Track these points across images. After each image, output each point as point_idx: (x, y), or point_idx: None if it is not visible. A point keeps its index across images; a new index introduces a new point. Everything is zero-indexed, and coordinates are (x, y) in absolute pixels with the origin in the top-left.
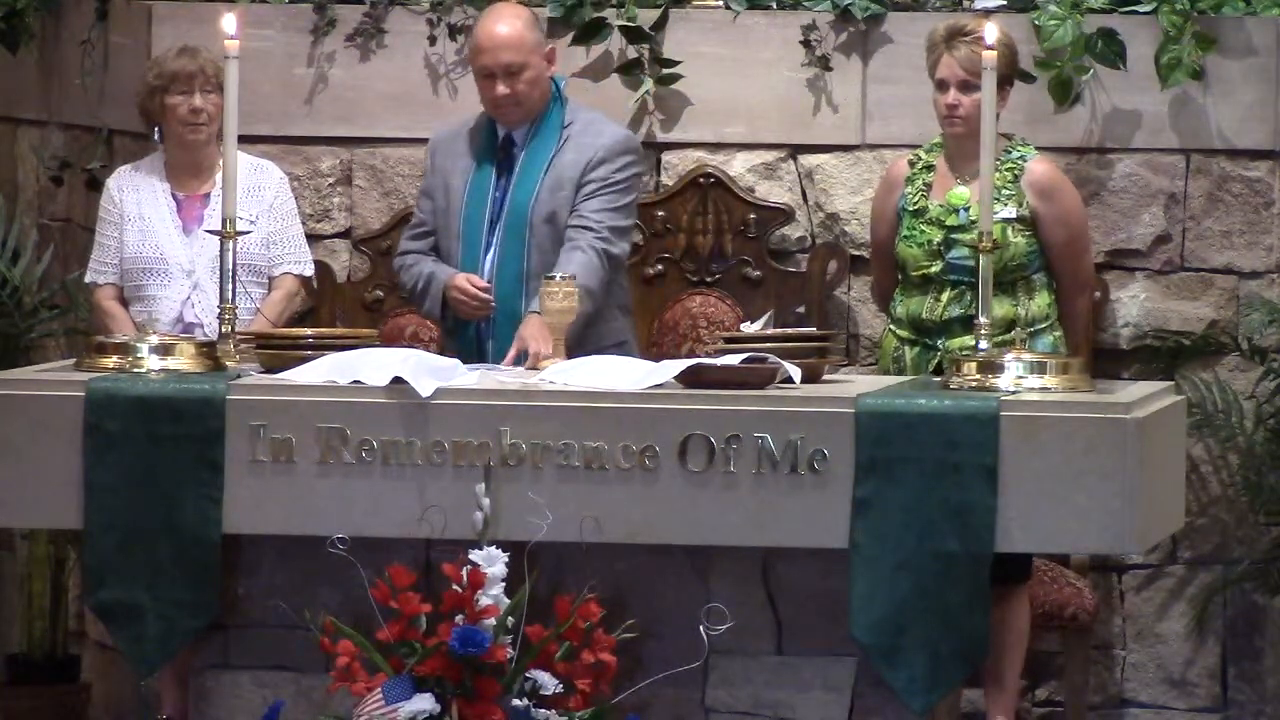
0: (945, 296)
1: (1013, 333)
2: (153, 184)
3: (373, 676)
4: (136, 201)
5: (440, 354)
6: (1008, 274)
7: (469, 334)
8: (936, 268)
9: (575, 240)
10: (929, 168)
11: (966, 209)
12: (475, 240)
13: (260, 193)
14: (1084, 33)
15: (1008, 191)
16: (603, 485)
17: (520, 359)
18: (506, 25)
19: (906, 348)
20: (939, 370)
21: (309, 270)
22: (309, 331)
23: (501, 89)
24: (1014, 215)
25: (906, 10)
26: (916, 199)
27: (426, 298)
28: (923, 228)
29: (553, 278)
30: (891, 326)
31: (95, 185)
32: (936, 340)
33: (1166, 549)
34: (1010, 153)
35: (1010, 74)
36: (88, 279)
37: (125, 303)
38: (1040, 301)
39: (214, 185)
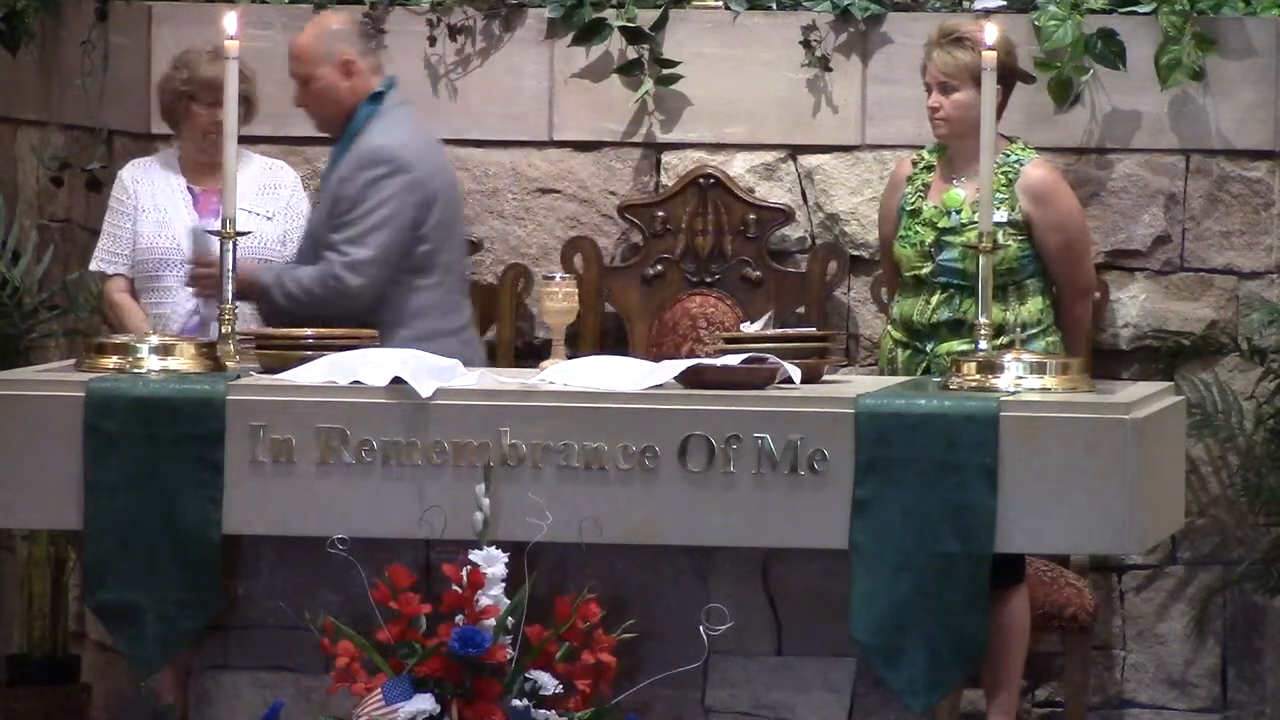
0: (935, 299)
1: (1010, 335)
2: (168, 177)
3: (372, 677)
4: (152, 194)
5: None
6: (998, 278)
7: None
8: (927, 269)
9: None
10: (929, 168)
11: (958, 211)
12: None
13: (276, 190)
14: (1084, 33)
15: (1000, 195)
16: (602, 486)
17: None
18: (301, 35)
19: (900, 350)
20: (928, 375)
21: None
22: (309, 332)
23: (298, 99)
24: (1005, 219)
25: (906, 10)
26: (914, 199)
27: None
28: (917, 228)
29: (552, 278)
30: (889, 328)
31: (95, 186)
32: (926, 344)
33: (1166, 549)
34: (1007, 156)
35: (1006, 75)
36: (95, 268)
37: (135, 295)
38: (1032, 306)
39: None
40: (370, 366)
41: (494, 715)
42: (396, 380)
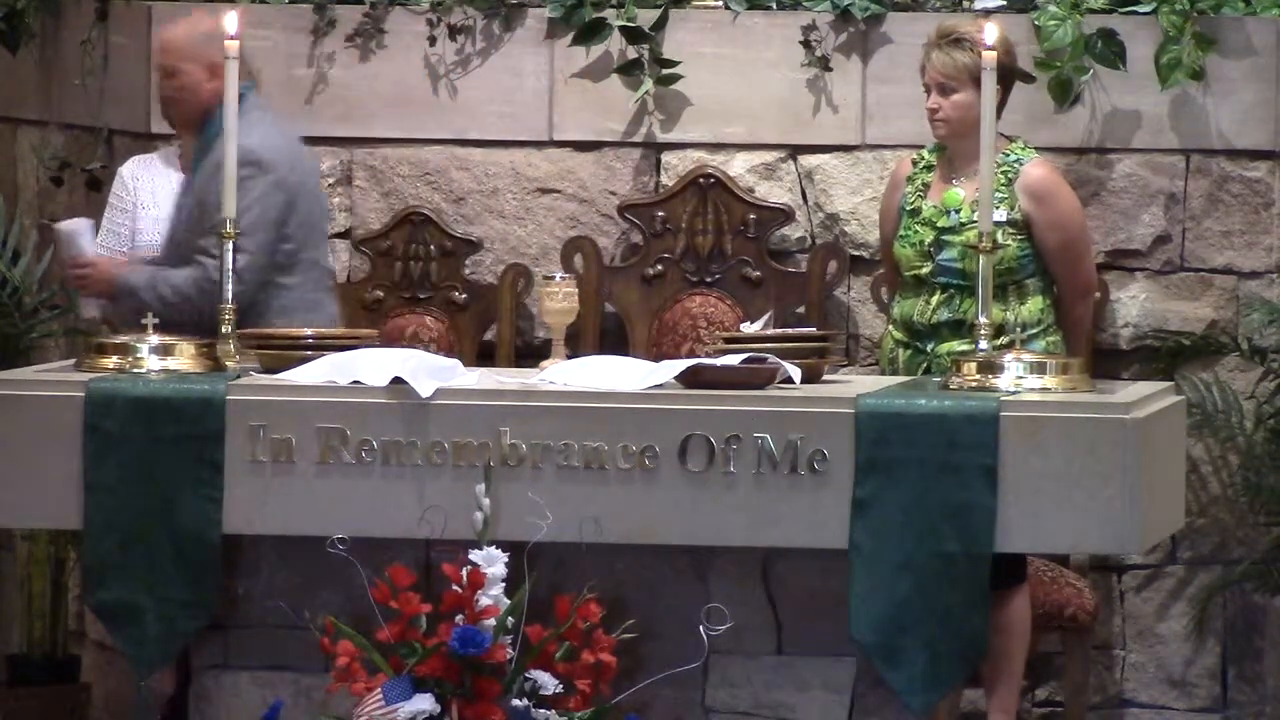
0: (935, 299)
1: (1010, 335)
2: (168, 174)
3: (372, 677)
4: (151, 190)
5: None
6: (998, 278)
7: None
8: (926, 269)
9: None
10: (929, 168)
11: (958, 211)
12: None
13: None
14: (1083, 33)
15: (1000, 194)
16: (602, 485)
17: None
18: (175, 28)
19: (900, 350)
20: (928, 375)
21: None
22: (309, 331)
23: (162, 90)
24: (1004, 219)
25: (906, 10)
26: (914, 199)
27: None
28: (916, 228)
29: (552, 278)
30: (889, 328)
31: (95, 185)
32: (926, 344)
33: (1166, 549)
34: (1007, 155)
35: (1006, 75)
36: None
37: None
38: (1032, 306)
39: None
40: (370, 366)
41: (494, 715)
42: (396, 380)
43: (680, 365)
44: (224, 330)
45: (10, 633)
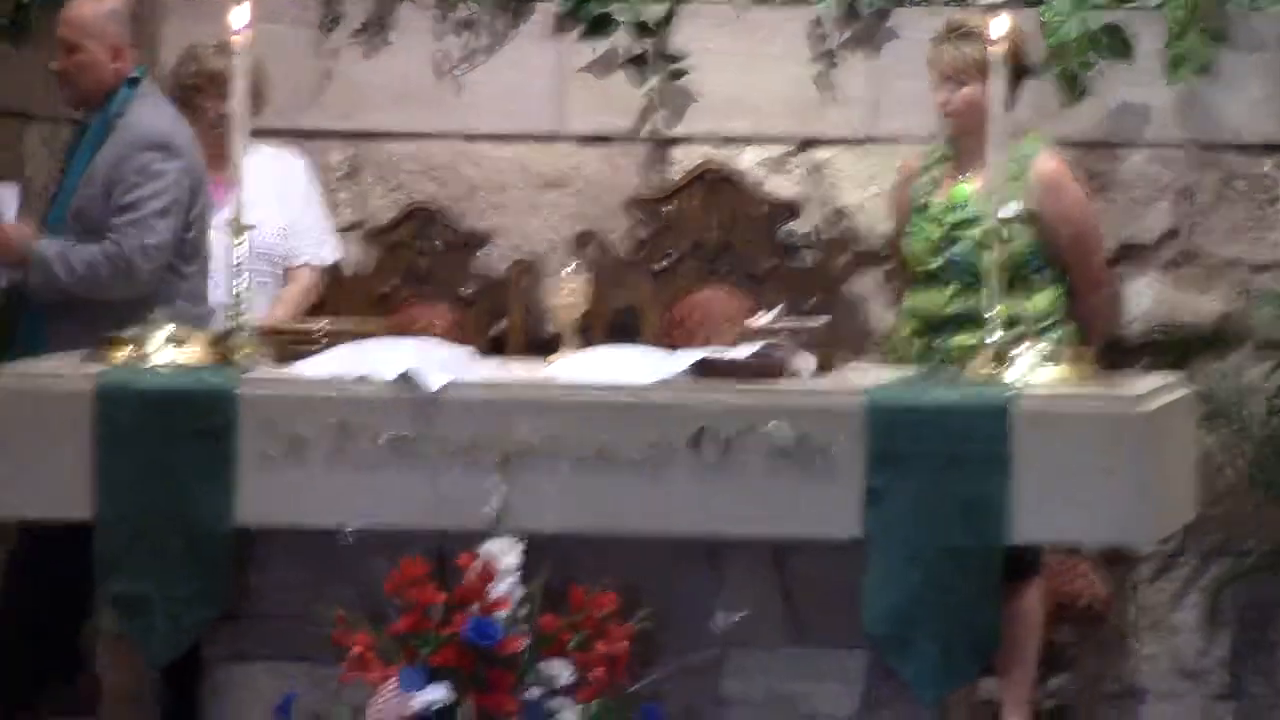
0: (948, 293)
1: (1022, 327)
2: None
3: (387, 667)
4: None
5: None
6: (1009, 271)
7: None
8: (937, 264)
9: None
10: (940, 162)
11: (967, 205)
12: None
13: (282, 181)
14: (1090, 27)
15: (1010, 187)
16: (615, 477)
17: None
18: (80, 4)
19: (914, 341)
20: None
21: (329, 257)
22: (320, 324)
23: (55, 64)
24: (1014, 213)
25: (913, 4)
26: (923, 194)
27: None
28: (923, 224)
29: (560, 272)
30: (901, 320)
31: None
32: (939, 337)
33: (1178, 540)
34: (1017, 149)
35: (1016, 69)
36: None
37: None
38: (1042, 299)
39: None
40: (381, 359)
41: (508, 705)
42: (407, 372)
43: (692, 357)
44: (234, 322)
45: None
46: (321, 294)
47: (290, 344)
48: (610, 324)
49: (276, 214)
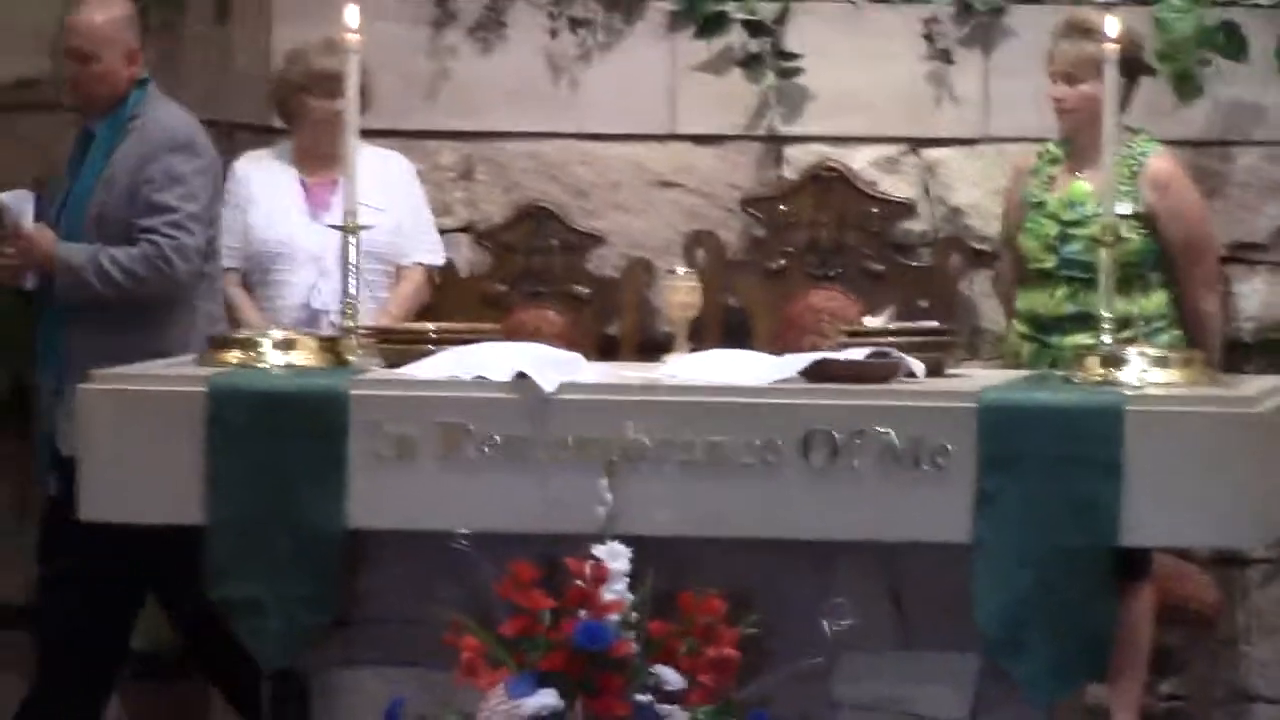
0: (1060, 292)
1: (1134, 329)
2: (282, 169)
3: (496, 672)
4: (264, 186)
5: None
6: (1122, 271)
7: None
8: (1051, 262)
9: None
10: (1054, 160)
11: (1083, 204)
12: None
13: (388, 184)
14: (1205, 26)
15: (1124, 187)
16: (725, 480)
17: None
18: (91, 12)
19: (1025, 344)
20: (1054, 368)
21: (439, 259)
22: (431, 326)
23: (67, 72)
24: (1129, 211)
25: (1028, 2)
26: (1039, 192)
27: None
28: (1041, 221)
29: (674, 272)
30: (1013, 321)
31: None
32: (1051, 337)
33: None
34: (1131, 148)
35: (1132, 67)
36: None
37: (249, 288)
38: (1155, 300)
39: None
40: (493, 361)
41: (618, 710)
42: (519, 374)
43: (803, 360)
44: (346, 324)
45: (137, 629)
46: (431, 295)
47: (402, 346)
48: (723, 324)
49: (383, 215)
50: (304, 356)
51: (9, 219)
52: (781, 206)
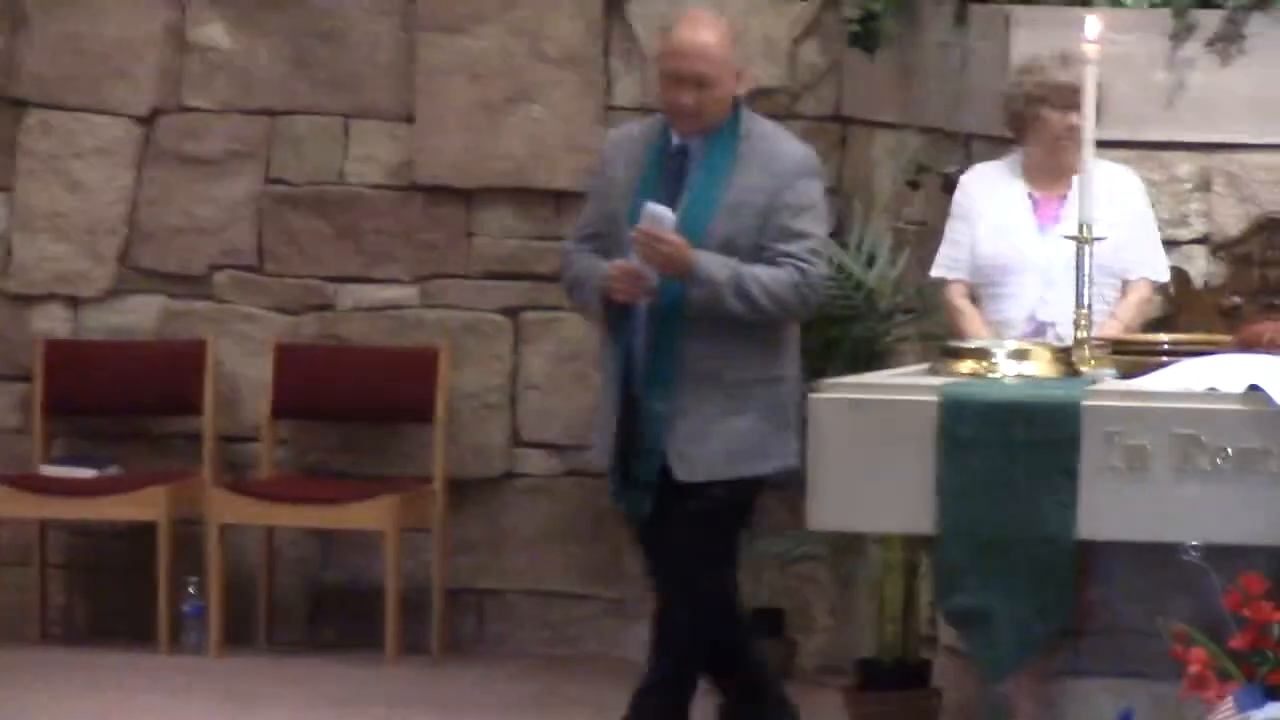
0: None
1: None
2: (1010, 182)
3: (1224, 685)
4: (992, 200)
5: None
6: None
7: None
8: None
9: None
10: None
11: None
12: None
13: (1115, 197)
14: None
15: None
16: None
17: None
18: (708, 35)
19: None
20: None
21: (1164, 276)
22: (1164, 337)
23: (686, 98)
24: None
25: None
26: None
27: (585, 288)
28: None
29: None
30: None
31: (951, 188)
32: None
33: None
34: None
35: None
36: (935, 274)
37: (974, 299)
38: None
39: (1070, 186)
40: (1226, 373)
41: None
42: (1253, 387)
43: None
44: (1079, 334)
45: (862, 637)
46: (1158, 309)
47: (1135, 357)
48: None
49: (1111, 228)
50: (1037, 367)
51: (652, 221)
52: None
